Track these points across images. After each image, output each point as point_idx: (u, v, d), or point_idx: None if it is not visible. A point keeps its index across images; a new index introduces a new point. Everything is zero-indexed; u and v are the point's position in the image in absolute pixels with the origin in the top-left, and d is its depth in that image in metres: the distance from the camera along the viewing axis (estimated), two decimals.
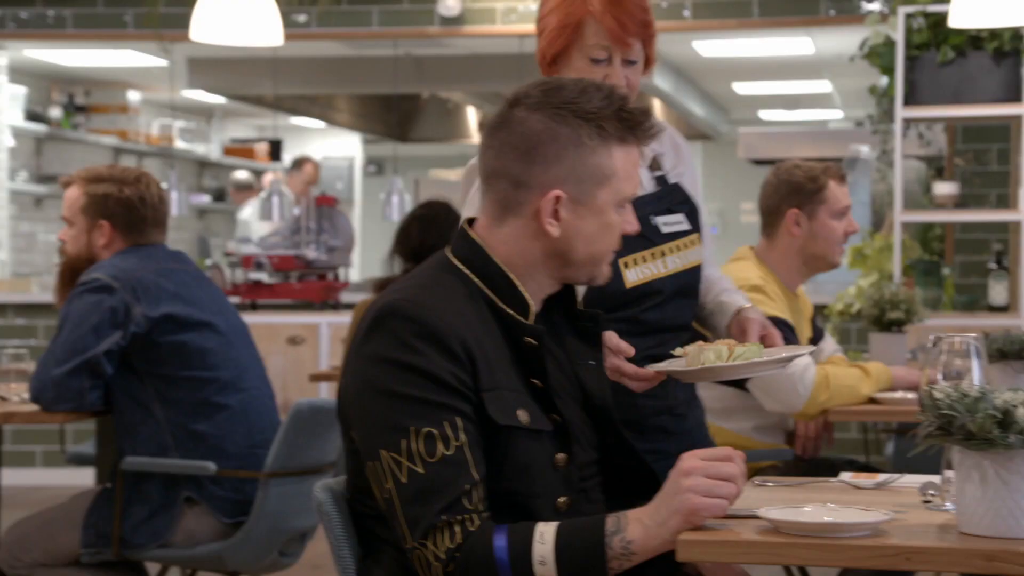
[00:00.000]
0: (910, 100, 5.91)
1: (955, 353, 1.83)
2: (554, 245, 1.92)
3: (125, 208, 3.37)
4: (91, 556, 3.27)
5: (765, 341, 2.36)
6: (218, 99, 10.85)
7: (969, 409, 1.62)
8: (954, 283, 6.85)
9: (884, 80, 6.41)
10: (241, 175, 10.98)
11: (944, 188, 6.23)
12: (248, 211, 9.76)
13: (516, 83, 7.07)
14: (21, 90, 9.11)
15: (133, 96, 10.44)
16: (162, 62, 8.92)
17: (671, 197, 2.58)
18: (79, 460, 4.95)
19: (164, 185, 7.94)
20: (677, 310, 2.56)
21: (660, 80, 9.21)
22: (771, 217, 3.53)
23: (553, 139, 1.88)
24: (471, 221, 1.98)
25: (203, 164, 12.26)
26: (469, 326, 1.85)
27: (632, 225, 1.97)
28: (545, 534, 1.76)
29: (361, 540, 1.93)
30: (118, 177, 3.38)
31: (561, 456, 1.89)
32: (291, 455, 3.34)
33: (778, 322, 3.38)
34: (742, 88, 11.12)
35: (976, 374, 1.81)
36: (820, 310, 6.22)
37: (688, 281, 2.56)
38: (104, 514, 3.26)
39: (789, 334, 3.40)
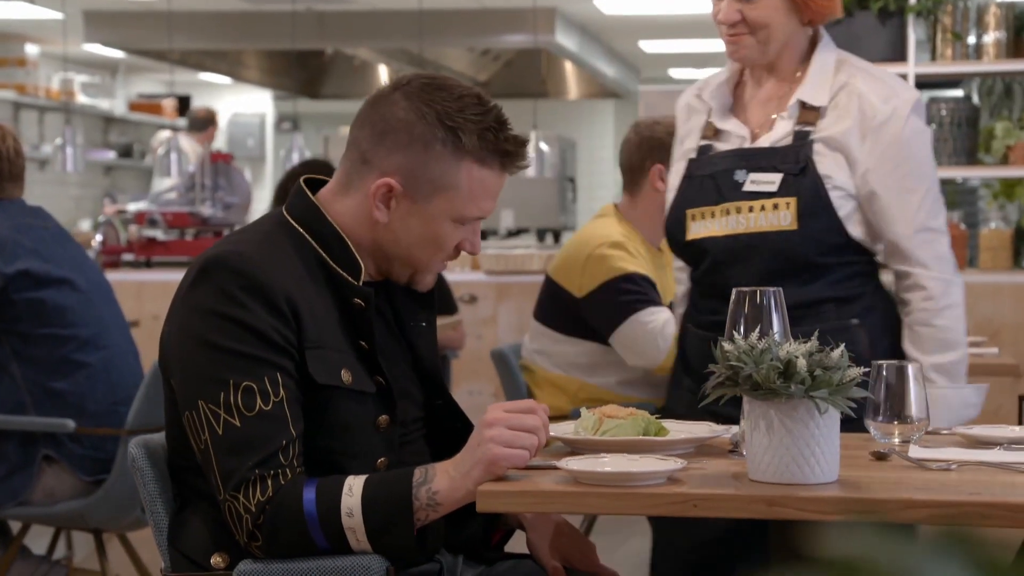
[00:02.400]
0: None
1: (757, 307, 1.87)
2: (380, 234, 1.90)
3: None
4: None
5: None
6: (122, 53, 10.69)
7: (756, 361, 1.67)
8: None
9: None
10: (165, 134, 10.83)
11: None
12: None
13: (416, 40, 7.02)
14: None
15: (31, 49, 10.26)
16: (57, 14, 8.77)
17: (789, 155, 2.37)
18: None
19: (59, 141, 7.88)
20: (733, 278, 2.33)
21: (564, 39, 9.22)
22: (634, 174, 3.56)
23: (407, 130, 1.87)
24: (314, 186, 1.97)
25: (109, 120, 12.09)
26: (297, 283, 1.85)
27: (471, 246, 1.93)
28: (353, 486, 1.78)
29: (179, 493, 1.93)
30: None
31: (384, 418, 1.90)
32: (152, 412, 3.32)
33: (639, 278, 3.43)
34: (649, 46, 11.15)
35: (775, 326, 1.85)
36: None
37: (748, 246, 2.36)
38: None
39: (652, 291, 3.45)
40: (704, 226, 2.40)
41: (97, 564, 3.52)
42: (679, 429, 1.99)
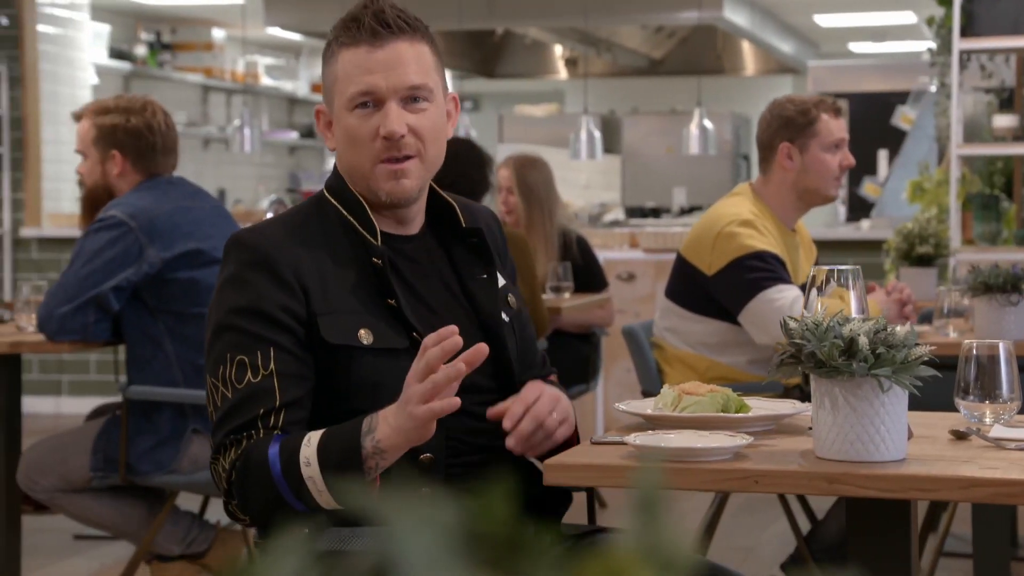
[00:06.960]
0: (968, 31, 5.79)
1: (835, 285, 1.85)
2: (340, 162, 2.02)
3: (134, 137, 3.47)
4: (100, 480, 3.42)
5: None
6: (300, 36, 10.98)
7: (820, 338, 1.66)
8: (1023, 217, 6.72)
9: (942, 12, 6.29)
10: None
11: (1003, 120, 6.10)
12: None
13: (580, 17, 7.02)
14: (104, 28, 9.33)
15: (218, 33, 10.62)
16: (239, 0, 9.07)
17: None
18: None
19: (237, 122, 8.17)
20: None
21: (735, 15, 9.10)
22: (766, 152, 3.53)
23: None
24: None
25: (293, 101, 12.43)
26: (311, 254, 1.94)
27: (385, 130, 1.93)
28: (312, 438, 1.83)
29: None
30: (124, 107, 3.48)
31: None
32: None
33: (767, 256, 3.40)
34: (824, 20, 10.93)
35: (853, 304, 1.84)
36: (879, 244, 6.16)
37: None
38: (112, 440, 3.41)
39: (781, 269, 3.41)
40: None
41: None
42: (760, 406, 1.99)
